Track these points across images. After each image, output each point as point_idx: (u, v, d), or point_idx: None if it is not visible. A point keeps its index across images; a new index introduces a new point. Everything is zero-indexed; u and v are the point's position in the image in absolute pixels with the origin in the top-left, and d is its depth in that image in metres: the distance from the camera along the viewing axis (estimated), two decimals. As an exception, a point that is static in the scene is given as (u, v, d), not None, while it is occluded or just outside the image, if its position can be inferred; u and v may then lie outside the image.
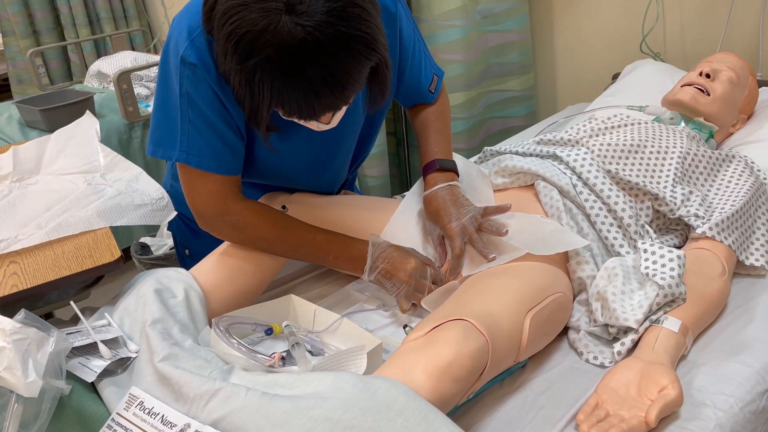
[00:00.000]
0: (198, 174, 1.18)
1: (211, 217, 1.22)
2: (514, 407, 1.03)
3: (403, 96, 1.39)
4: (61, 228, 1.22)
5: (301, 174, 1.35)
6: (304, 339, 1.16)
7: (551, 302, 1.10)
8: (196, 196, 1.21)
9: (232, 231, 1.23)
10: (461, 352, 0.91)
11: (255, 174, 1.30)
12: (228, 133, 1.16)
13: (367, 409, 0.84)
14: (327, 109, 1.03)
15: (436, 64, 1.41)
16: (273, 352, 1.06)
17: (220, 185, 1.19)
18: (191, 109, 1.12)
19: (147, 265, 2.32)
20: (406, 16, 1.28)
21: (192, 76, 1.09)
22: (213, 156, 1.16)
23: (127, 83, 2.61)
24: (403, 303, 1.22)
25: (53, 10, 3.72)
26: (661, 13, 2.13)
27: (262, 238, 1.24)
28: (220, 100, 1.12)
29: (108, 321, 1.09)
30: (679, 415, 0.98)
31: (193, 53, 1.08)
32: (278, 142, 1.22)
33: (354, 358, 1.01)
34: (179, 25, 1.10)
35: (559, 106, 2.53)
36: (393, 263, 1.22)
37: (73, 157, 1.49)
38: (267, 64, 0.95)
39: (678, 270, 1.13)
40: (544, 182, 1.34)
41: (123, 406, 0.93)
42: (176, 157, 1.15)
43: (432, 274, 1.24)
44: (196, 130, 1.14)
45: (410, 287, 1.21)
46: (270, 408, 0.85)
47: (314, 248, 1.26)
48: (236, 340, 1.06)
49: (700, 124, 1.56)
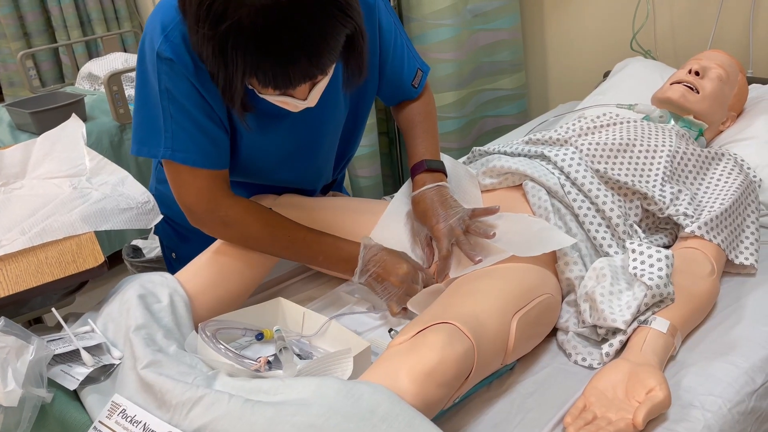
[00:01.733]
0: (185, 170, 1.17)
1: (200, 213, 1.21)
2: (502, 410, 1.02)
3: (386, 92, 1.38)
4: (45, 233, 1.20)
5: (285, 169, 1.34)
6: (293, 343, 1.16)
7: (539, 304, 1.10)
8: (185, 193, 1.20)
9: (222, 227, 1.22)
10: (446, 357, 0.90)
11: (238, 170, 1.29)
12: (211, 126, 1.15)
13: (350, 415, 0.83)
14: (302, 78, 1.00)
15: (422, 59, 1.40)
16: (259, 357, 1.05)
17: (208, 180, 1.18)
18: (172, 105, 1.11)
19: (139, 268, 2.30)
20: (385, 7, 1.28)
21: (169, 71, 1.09)
22: (198, 151, 1.15)
23: (118, 85, 2.59)
24: (393, 306, 1.22)
25: (44, 12, 3.70)
26: (651, 10, 2.13)
27: (252, 235, 1.23)
28: (200, 94, 1.11)
29: (91, 327, 1.08)
30: (667, 416, 0.97)
31: (168, 48, 1.07)
32: (259, 133, 1.21)
33: (340, 362, 1.00)
34: (153, 22, 1.10)
35: (551, 104, 2.53)
36: (385, 267, 1.22)
37: (58, 160, 1.48)
38: (239, 29, 0.93)
39: (666, 270, 1.13)
40: (532, 182, 1.34)
41: (105, 414, 0.92)
42: (161, 154, 1.14)
43: (423, 279, 1.23)
44: (178, 126, 1.13)
45: (402, 292, 1.21)
46: (253, 415, 0.84)
47: (304, 248, 1.25)
48: (223, 345, 1.05)
49: (690, 122, 1.55)
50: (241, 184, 1.35)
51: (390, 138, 2.73)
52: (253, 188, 1.37)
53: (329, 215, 1.33)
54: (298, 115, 1.19)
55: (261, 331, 1.15)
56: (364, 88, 1.32)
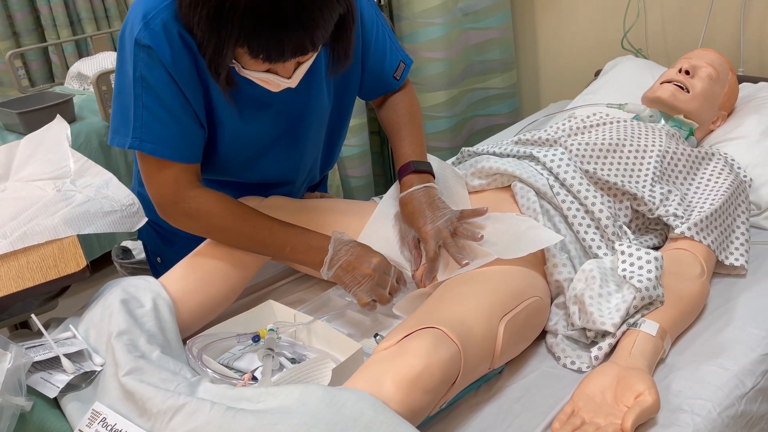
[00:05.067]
0: (154, 161, 1.15)
1: (166, 205, 1.19)
2: (489, 415, 1.01)
3: (368, 84, 1.36)
4: (27, 237, 1.18)
5: (267, 161, 1.32)
6: (285, 347, 1.14)
7: (526, 307, 1.08)
8: (152, 184, 1.19)
9: (186, 219, 1.20)
10: (431, 363, 0.89)
11: (219, 167, 1.28)
12: (184, 117, 1.14)
13: (333, 423, 0.82)
14: (294, 50, 1.00)
15: (405, 52, 1.39)
16: (243, 374, 1.05)
17: (176, 173, 1.17)
18: (145, 93, 1.10)
19: (128, 270, 2.28)
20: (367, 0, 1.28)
21: (147, 59, 1.08)
22: (167, 143, 1.13)
23: (107, 85, 2.57)
24: (362, 296, 1.16)
25: (33, 11, 3.67)
26: (642, 9, 2.12)
27: (216, 226, 1.20)
28: (176, 84, 1.10)
29: (73, 333, 1.06)
30: (657, 421, 0.96)
31: (147, 35, 1.06)
32: (241, 122, 1.20)
33: (318, 369, 0.99)
34: (135, 10, 1.09)
35: (542, 103, 2.52)
36: (357, 256, 1.18)
37: (42, 162, 1.45)
38: None
39: (655, 272, 1.12)
40: (521, 183, 1.32)
41: (86, 423, 0.91)
42: (129, 143, 1.13)
43: (395, 273, 1.20)
44: (150, 115, 1.12)
45: (373, 281, 1.17)
46: (234, 424, 0.83)
47: (270, 237, 1.21)
48: (201, 364, 1.05)
49: (680, 122, 1.54)
50: (225, 184, 1.33)
51: (381, 137, 2.72)
52: (237, 188, 1.35)
53: (316, 217, 1.32)
54: (280, 104, 1.18)
55: (256, 333, 1.14)
56: (348, 80, 1.32)
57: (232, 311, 1.30)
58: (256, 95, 1.17)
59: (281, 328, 1.16)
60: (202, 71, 1.12)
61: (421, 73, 2.39)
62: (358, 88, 1.37)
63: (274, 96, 1.17)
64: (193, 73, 1.12)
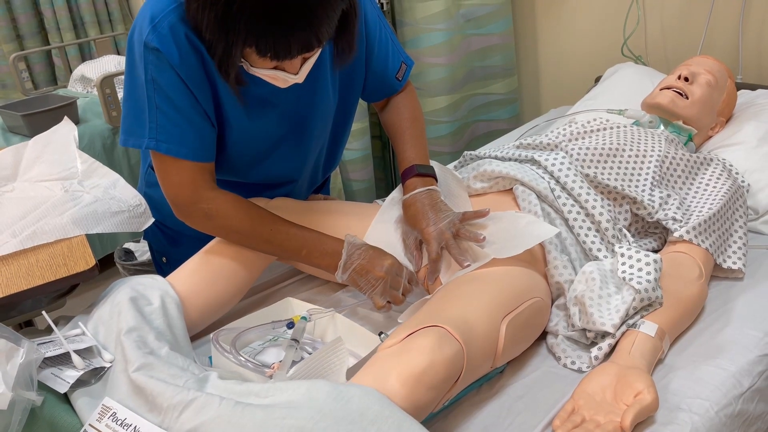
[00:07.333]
0: (170, 161, 1.17)
1: (184, 205, 1.21)
2: (491, 413, 1.03)
3: (371, 85, 1.38)
4: (36, 236, 1.20)
5: (274, 159, 1.34)
6: (307, 342, 1.17)
7: (528, 307, 1.10)
8: (169, 185, 1.20)
9: (204, 220, 1.22)
10: (435, 360, 0.90)
11: (226, 167, 1.30)
12: (196, 118, 1.16)
13: (339, 418, 0.83)
14: (301, 48, 1.03)
15: (406, 53, 1.42)
16: (273, 363, 1.07)
17: (193, 172, 1.19)
18: (157, 95, 1.12)
19: (131, 271, 2.29)
20: (370, 1, 1.30)
21: (156, 61, 1.10)
22: (183, 142, 1.16)
23: (111, 87, 2.59)
24: (377, 299, 1.20)
25: (37, 14, 3.69)
26: (642, 16, 2.14)
27: (234, 228, 1.22)
28: (186, 85, 1.13)
29: (82, 330, 1.08)
30: (655, 419, 0.98)
31: (156, 38, 1.08)
32: (248, 120, 1.22)
33: (335, 352, 1.01)
34: (143, 14, 1.11)
35: (543, 108, 2.54)
36: (370, 260, 1.20)
37: (50, 163, 1.47)
38: None
39: (654, 274, 1.14)
40: (522, 187, 1.34)
41: (96, 417, 0.92)
42: (146, 144, 1.15)
43: (407, 274, 1.23)
44: (164, 116, 1.14)
45: (386, 284, 1.19)
46: (242, 418, 0.84)
47: (287, 240, 1.23)
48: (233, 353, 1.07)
49: (679, 128, 1.56)
50: (231, 185, 1.35)
51: (383, 141, 2.74)
52: (243, 189, 1.37)
53: (321, 218, 1.34)
54: (287, 103, 1.20)
55: (290, 319, 1.17)
56: (352, 80, 1.34)
57: (242, 310, 1.32)
58: (264, 95, 1.20)
59: (314, 315, 1.18)
60: (210, 72, 1.14)
61: (423, 78, 2.41)
62: (362, 90, 1.39)
63: (280, 95, 1.18)
64: (201, 74, 1.14)
